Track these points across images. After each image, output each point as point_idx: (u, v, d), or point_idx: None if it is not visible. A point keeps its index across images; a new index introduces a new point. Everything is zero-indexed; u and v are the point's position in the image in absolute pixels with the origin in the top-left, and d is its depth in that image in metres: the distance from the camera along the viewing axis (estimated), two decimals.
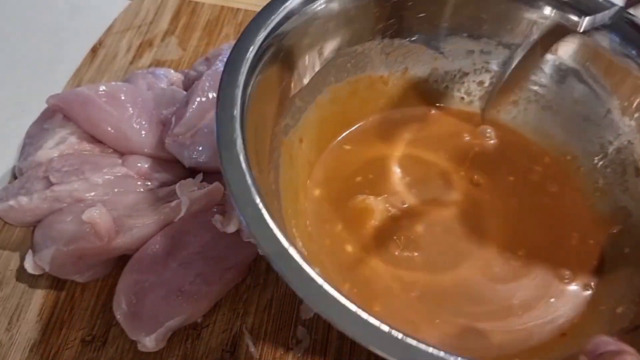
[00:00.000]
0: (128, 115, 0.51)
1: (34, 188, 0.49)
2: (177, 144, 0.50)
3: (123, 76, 0.64)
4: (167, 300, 0.45)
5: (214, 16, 0.70)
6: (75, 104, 0.51)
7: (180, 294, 0.46)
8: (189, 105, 0.49)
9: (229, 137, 0.34)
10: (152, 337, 0.44)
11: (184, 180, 0.49)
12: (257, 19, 0.41)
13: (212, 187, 0.48)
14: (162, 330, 0.45)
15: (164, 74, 0.60)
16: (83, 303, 0.50)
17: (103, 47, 0.67)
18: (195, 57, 0.66)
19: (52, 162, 0.50)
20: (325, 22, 0.44)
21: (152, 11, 0.71)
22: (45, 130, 0.53)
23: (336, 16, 0.45)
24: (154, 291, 0.46)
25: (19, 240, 0.52)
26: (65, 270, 0.48)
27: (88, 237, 0.45)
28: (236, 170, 0.33)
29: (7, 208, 0.49)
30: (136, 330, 0.45)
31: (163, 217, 0.48)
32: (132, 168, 0.51)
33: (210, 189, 0.48)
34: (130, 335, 0.45)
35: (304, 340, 0.48)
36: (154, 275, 0.46)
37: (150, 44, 0.67)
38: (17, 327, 0.48)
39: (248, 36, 0.40)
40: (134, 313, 0.45)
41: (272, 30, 0.41)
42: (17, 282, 0.50)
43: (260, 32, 0.40)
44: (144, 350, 0.45)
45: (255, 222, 0.32)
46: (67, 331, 0.48)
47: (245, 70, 0.37)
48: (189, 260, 0.47)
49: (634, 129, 0.48)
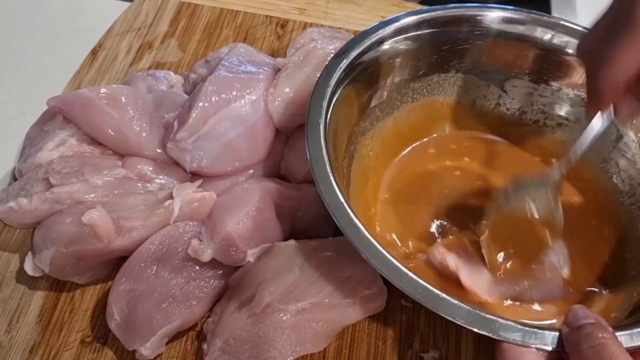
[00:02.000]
0: (128, 117, 0.51)
1: (34, 190, 0.49)
2: (178, 148, 0.50)
3: (123, 78, 0.64)
4: (159, 307, 0.45)
5: (213, 18, 0.71)
6: (76, 106, 0.51)
7: (172, 301, 0.46)
8: (192, 111, 0.49)
9: (315, 121, 0.45)
10: (147, 346, 0.44)
11: (183, 184, 0.50)
12: (357, 37, 0.50)
13: (207, 194, 0.49)
14: (156, 338, 0.45)
15: (164, 76, 0.60)
16: (83, 304, 0.50)
17: (103, 49, 0.67)
18: (195, 60, 0.66)
19: (52, 164, 0.50)
20: (407, 53, 0.53)
21: (151, 13, 0.71)
22: (45, 132, 0.53)
23: (416, 50, 0.53)
24: (145, 299, 0.45)
25: (18, 241, 0.53)
26: (65, 272, 0.48)
27: (88, 239, 0.45)
28: (316, 144, 0.44)
29: (7, 210, 0.49)
30: (131, 340, 0.45)
31: (158, 218, 0.48)
32: (132, 170, 0.51)
33: (205, 195, 0.48)
34: (125, 346, 0.45)
35: None
36: (144, 283, 0.46)
37: (150, 46, 0.68)
38: (17, 329, 0.48)
39: (343, 52, 0.49)
40: (126, 323, 0.45)
41: (362, 52, 0.50)
42: (17, 284, 0.51)
43: (355, 50, 0.49)
44: (142, 359, 0.45)
45: (321, 179, 0.42)
46: (67, 332, 0.48)
47: (333, 82, 0.47)
48: (180, 267, 0.47)
49: None
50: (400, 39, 0.52)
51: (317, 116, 0.45)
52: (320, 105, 0.46)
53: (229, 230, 0.46)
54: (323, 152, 0.43)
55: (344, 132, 0.50)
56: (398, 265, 0.39)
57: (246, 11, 0.71)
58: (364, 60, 0.50)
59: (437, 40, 0.53)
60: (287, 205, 0.50)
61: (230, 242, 0.46)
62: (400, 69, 0.54)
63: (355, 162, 0.52)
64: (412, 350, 0.48)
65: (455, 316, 0.37)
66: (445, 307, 0.37)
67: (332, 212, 0.41)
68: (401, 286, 0.38)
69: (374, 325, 0.49)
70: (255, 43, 0.68)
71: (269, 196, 0.49)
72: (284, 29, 0.70)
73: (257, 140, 0.52)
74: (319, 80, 0.48)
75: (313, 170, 0.43)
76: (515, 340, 0.35)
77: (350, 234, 0.40)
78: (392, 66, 0.53)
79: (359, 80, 0.50)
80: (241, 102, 0.51)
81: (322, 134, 0.44)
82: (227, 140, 0.50)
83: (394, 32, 0.51)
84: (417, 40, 0.52)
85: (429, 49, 0.53)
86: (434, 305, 0.37)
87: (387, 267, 0.39)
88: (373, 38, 0.50)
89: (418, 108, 0.57)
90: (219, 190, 0.51)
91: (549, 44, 0.53)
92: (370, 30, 0.51)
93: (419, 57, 0.54)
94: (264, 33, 0.69)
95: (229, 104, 0.50)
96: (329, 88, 0.47)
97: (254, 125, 0.51)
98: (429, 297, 0.37)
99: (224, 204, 0.49)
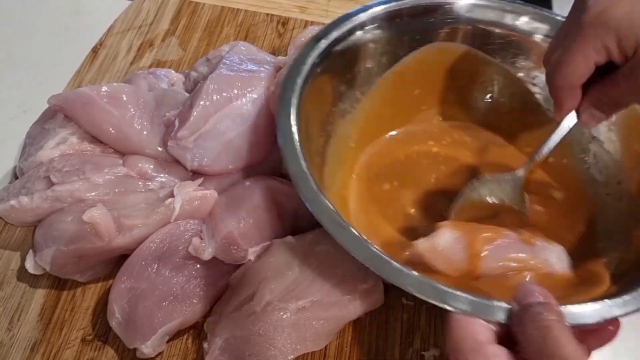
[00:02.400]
0: (129, 115, 0.51)
1: (35, 188, 0.49)
2: (180, 147, 0.50)
3: (124, 77, 0.64)
4: (160, 306, 0.45)
5: (214, 16, 0.71)
6: (77, 104, 0.51)
7: (173, 299, 0.46)
8: (193, 109, 0.49)
9: (286, 102, 0.46)
10: (148, 344, 0.45)
11: (184, 182, 0.50)
12: (337, 20, 0.51)
13: (207, 192, 0.49)
14: (157, 336, 0.45)
15: (165, 74, 0.60)
16: (84, 303, 0.50)
17: (104, 47, 0.67)
18: (195, 58, 0.66)
19: (53, 162, 0.50)
20: (383, 39, 0.53)
21: (152, 12, 0.71)
22: (46, 131, 0.53)
23: (393, 37, 0.54)
24: (146, 298, 0.46)
25: (19, 240, 0.53)
26: (66, 270, 0.48)
27: (89, 237, 0.45)
28: (287, 125, 0.44)
29: (8, 208, 0.49)
30: (132, 338, 0.45)
31: (159, 217, 0.48)
32: (133, 168, 0.51)
33: (205, 193, 0.48)
34: (126, 344, 0.45)
35: None
36: (145, 282, 0.46)
37: (150, 44, 0.68)
38: (18, 327, 0.48)
39: (323, 34, 0.50)
40: (127, 321, 0.45)
41: (341, 36, 0.51)
42: (18, 282, 0.51)
43: (334, 32, 0.50)
44: (142, 357, 0.45)
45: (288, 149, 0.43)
46: (68, 331, 0.48)
47: (310, 61, 0.48)
48: (181, 265, 0.47)
49: None
50: (375, 25, 0.52)
51: (290, 93, 0.46)
52: (294, 82, 0.47)
53: (231, 228, 0.46)
54: (293, 129, 0.44)
55: (319, 111, 0.51)
56: (353, 232, 0.39)
57: (247, 9, 0.71)
58: (341, 43, 0.51)
59: (411, 27, 0.54)
60: (288, 204, 0.50)
61: (231, 241, 0.46)
62: (375, 55, 0.54)
63: (333, 143, 0.52)
64: (413, 348, 0.48)
65: (407, 284, 0.37)
66: (396, 275, 0.37)
67: (294, 181, 0.42)
68: (354, 253, 0.38)
69: (375, 323, 0.49)
70: (256, 41, 0.68)
71: (270, 195, 0.49)
72: (285, 27, 0.70)
73: (258, 138, 0.52)
74: (296, 58, 0.48)
75: (283, 148, 0.44)
76: (464, 310, 0.36)
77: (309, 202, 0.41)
78: (368, 51, 0.53)
79: (336, 63, 0.51)
80: (242, 101, 0.51)
81: (295, 110, 0.45)
82: (228, 139, 0.50)
83: (371, 18, 0.52)
84: (393, 28, 0.53)
85: (406, 36, 0.54)
86: (387, 274, 0.38)
87: (343, 233, 0.39)
88: (353, 22, 0.51)
89: (396, 94, 0.56)
90: (220, 188, 0.51)
91: (520, 30, 0.54)
92: (350, 15, 0.51)
93: (396, 43, 0.54)
94: (265, 31, 0.69)
95: (230, 103, 0.50)
96: (305, 67, 0.48)
97: (255, 123, 0.51)
98: (379, 264, 0.38)
99: (225, 202, 0.49)
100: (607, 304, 0.37)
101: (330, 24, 0.51)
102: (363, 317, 0.49)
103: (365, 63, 0.54)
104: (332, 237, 0.39)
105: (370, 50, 0.53)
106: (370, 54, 0.54)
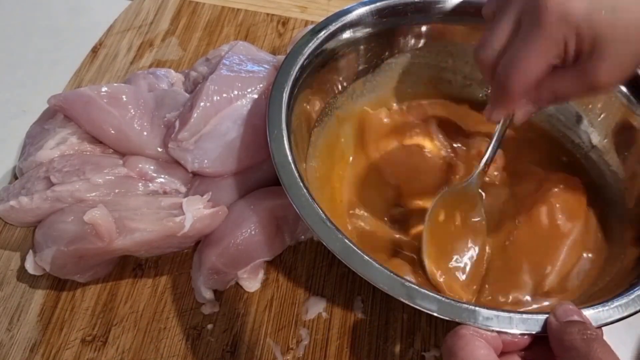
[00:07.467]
0: (129, 116, 0.51)
1: (35, 188, 0.49)
2: (180, 148, 0.50)
3: (123, 76, 0.64)
4: None
5: (214, 16, 0.71)
6: (77, 104, 0.51)
7: None
8: (193, 110, 0.49)
9: (280, 88, 0.47)
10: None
11: (192, 197, 0.49)
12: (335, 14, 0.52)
13: (218, 209, 0.49)
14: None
15: (165, 74, 0.59)
16: (83, 303, 0.50)
17: (103, 47, 0.67)
18: (195, 58, 0.66)
19: (53, 163, 0.50)
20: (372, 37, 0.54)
21: (152, 11, 0.71)
22: (46, 131, 0.53)
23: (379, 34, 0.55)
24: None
25: (19, 240, 0.53)
26: (66, 271, 0.48)
27: (89, 238, 0.45)
28: (277, 111, 0.46)
29: (8, 208, 0.49)
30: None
31: (167, 230, 0.47)
32: (133, 169, 0.51)
33: (216, 210, 0.48)
34: None
35: (304, 340, 0.48)
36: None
37: (150, 44, 0.68)
38: (17, 327, 0.48)
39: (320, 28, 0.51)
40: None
41: (338, 29, 0.52)
42: (17, 282, 0.51)
43: (332, 25, 0.51)
44: None
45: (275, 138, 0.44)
46: (68, 331, 0.48)
47: (307, 51, 0.49)
48: None
49: None
50: (368, 23, 0.53)
51: (282, 85, 0.47)
52: (289, 73, 0.48)
53: (213, 261, 0.48)
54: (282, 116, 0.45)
55: (315, 103, 0.52)
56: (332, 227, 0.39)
57: (247, 9, 0.71)
58: (338, 37, 0.52)
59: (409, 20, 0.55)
60: (290, 214, 0.50)
61: (216, 271, 0.49)
62: (367, 51, 0.55)
63: (325, 133, 0.53)
64: (414, 349, 0.48)
65: (378, 282, 0.37)
66: (369, 271, 0.37)
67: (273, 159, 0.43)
68: (330, 247, 0.38)
69: (375, 324, 0.49)
70: (256, 41, 0.68)
71: (270, 214, 0.50)
72: (285, 27, 0.70)
73: (259, 139, 0.51)
74: (293, 49, 0.49)
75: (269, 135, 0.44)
76: (431, 310, 0.36)
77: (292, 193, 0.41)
78: (360, 50, 0.54)
79: (328, 61, 0.52)
80: (242, 101, 0.51)
81: (286, 99, 0.46)
82: (229, 140, 0.50)
83: (364, 15, 0.53)
84: (379, 25, 0.54)
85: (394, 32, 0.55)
86: (361, 269, 0.37)
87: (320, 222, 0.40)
88: (347, 18, 0.52)
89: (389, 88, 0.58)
90: (220, 190, 0.51)
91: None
92: (347, 10, 0.52)
93: (389, 40, 0.55)
94: (265, 31, 0.69)
95: (230, 104, 0.50)
96: (302, 57, 0.49)
97: (255, 124, 0.51)
98: (354, 259, 0.38)
99: (215, 232, 0.50)
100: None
101: (328, 18, 0.51)
102: (363, 317, 0.49)
103: (357, 59, 0.54)
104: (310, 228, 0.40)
105: (362, 47, 0.54)
106: (362, 51, 0.54)
